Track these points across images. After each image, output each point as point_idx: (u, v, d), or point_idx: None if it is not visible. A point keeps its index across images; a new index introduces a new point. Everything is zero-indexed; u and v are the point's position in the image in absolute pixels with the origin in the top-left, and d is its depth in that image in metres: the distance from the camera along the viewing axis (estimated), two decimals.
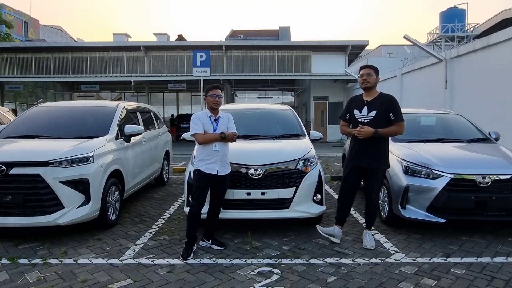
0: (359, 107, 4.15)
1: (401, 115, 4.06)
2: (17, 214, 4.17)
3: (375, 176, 4.13)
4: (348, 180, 4.26)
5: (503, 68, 8.50)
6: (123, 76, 22.71)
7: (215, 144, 3.95)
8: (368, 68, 4.12)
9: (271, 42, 24.87)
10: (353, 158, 4.19)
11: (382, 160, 4.10)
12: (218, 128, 4.02)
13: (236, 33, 41.62)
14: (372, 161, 4.06)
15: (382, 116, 4.02)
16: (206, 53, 10.45)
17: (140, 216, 5.51)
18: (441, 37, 31.16)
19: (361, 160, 4.11)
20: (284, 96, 29.25)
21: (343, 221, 4.36)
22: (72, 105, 6.41)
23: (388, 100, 4.10)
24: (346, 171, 4.29)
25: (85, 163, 4.43)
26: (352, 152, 4.21)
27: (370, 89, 4.11)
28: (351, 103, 4.30)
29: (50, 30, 40.99)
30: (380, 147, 4.08)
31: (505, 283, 3.32)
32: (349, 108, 4.27)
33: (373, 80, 4.08)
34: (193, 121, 4.05)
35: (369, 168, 4.10)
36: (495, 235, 4.58)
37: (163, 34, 32.82)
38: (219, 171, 3.97)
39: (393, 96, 4.19)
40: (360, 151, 4.10)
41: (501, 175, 4.35)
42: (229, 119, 4.15)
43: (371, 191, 4.18)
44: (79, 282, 3.33)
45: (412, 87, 14.36)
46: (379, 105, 4.05)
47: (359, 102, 4.19)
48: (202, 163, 3.97)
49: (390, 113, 4.02)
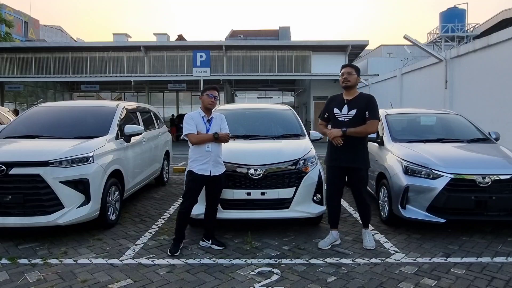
0: (339, 106, 4.14)
1: (376, 114, 4.06)
2: (17, 214, 4.17)
3: (357, 176, 4.10)
4: (331, 182, 4.22)
5: (503, 68, 8.50)
6: (123, 76, 22.71)
7: (207, 144, 3.94)
8: (349, 67, 4.12)
9: (271, 42, 24.88)
10: (330, 159, 4.18)
11: (358, 160, 4.07)
12: (211, 129, 4.01)
13: (236, 33, 41.61)
14: (348, 160, 4.04)
15: (362, 115, 4.02)
16: (206, 53, 10.46)
17: (140, 216, 5.51)
18: (441, 37, 31.16)
19: (338, 160, 4.09)
20: (284, 96, 29.23)
21: (336, 224, 4.33)
22: (72, 105, 6.41)
23: (366, 100, 4.11)
24: (328, 173, 4.26)
25: (85, 163, 4.43)
26: (329, 153, 4.20)
27: (350, 88, 4.11)
28: (330, 102, 4.28)
29: (50, 30, 40.99)
30: (356, 147, 4.04)
31: (505, 283, 3.32)
32: (328, 108, 4.25)
33: (353, 79, 4.08)
34: (186, 121, 4.03)
35: (350, 167, 4.08)
36: (495, 235, 4.57)
37: (163, 34, 32.80)
38: (212, 172, 3.96)
39: (372, 96, 4.22)
40: (336, 151, 4.08)
41: (501, 175, 4.35)
42: (222, 119, 4.15)
43: (358, 190, 4.16)
44: (79, 282, 3.33)
45: (412, 87, 14.36)
46: (360, 104, 4.05)
47: (339, 101, 4.18)
48: (195, 164, 3.97)
49: (366, 111, 4.02)
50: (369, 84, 19.47)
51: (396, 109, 7.01)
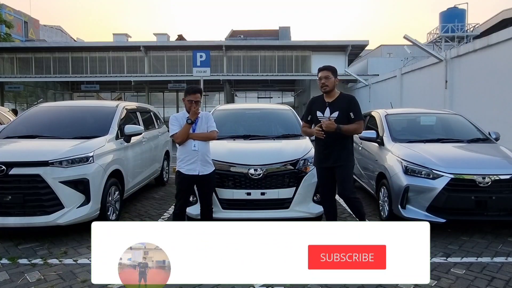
0: (321, 109, 4.08)
1: (360, 115, 4.05)
2: (17, 214, 4.17)
3: (342, 172, 4.02)
4: (322, 183, 4.18)
5: (503, 68, 8.50)
6: (123, 76, 22.74)
7: (194, 144, 3.89)
8: (325, 71, 4.03)
9: (271, 42, 24.91)
10: (319, 160, 4.13)
11: (347, 157, 4.03)
12: (197, 128, 3.94)
13: (236, 33, 41.61)
14: (338, 159, 3.99)
15: (344, 117, 3.99)
16: (206, 53, 10.45)
17: (140, 216, 5.51)
18: (441, 37, 31.13)
19: (325, 161, 4.04)
20: (284, 96, 29.26)
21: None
22: (72, 105, 6.41)
23: (348, 101, 4.07)
24: (318, 174, 4.22)
25: (85, 163, 4.42)
26: (319, 154, 4.14)
27: (329, 92, 4.05)
28: (312, 104, 4.23)
29: (50, 30, 41.02)
30: (342, 145, 4.01)
31: (505, 283, 3.32)
32: (311, 110, 4.19)
33: (331, 83, 4.01)
34: (171, 122, 3.97)
35: (335, 166, 4.03)
36: (495, 235, 4.57)
37: (163, 34, 32.81)
38: (201, 171, 3.90)
39: (353, 96, 4.20)
40: (324, 151, 4.03)
41: (501, 175, 4.35)
42: (208, 118, 4.06)
43: (343, 187, 4.04)
44: (79, 282, 3.33)
45: (412, 87, 14.37)
46: (341, 106, 4.01)
47: (321, 103, 4.12)
48: (183, 164, 3.93)
49: (350, 113, 4.00)
50: (369, 84, 19.47)
51: (396, 109, 7.01)
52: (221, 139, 4.89)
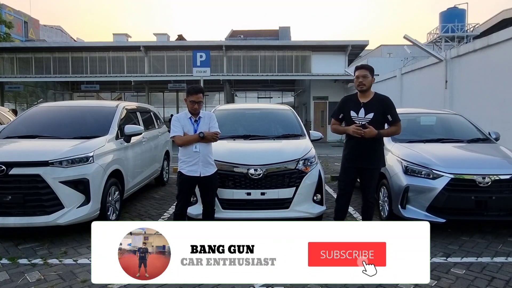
0: (356, 109, 4.02)
1: (398, 116, 4.03)
2: (17, 214, 4.17)
3: (372, 175, 4.05)
4: (345, 181, 4.14)
5: (503, 68, 8.50)
6: (123, 76, 22.71)
7: (195, 145, 3.85)
8: (363, 69, 3.99)
9: (271, 42, 24.89)
10: (351, 159, 4.08)
11: (379, 160, 4.05)
12: (199, 129, 3.91)
13: (236, 33, 41.60)
14: (370, 161, 4.00)
15: (379, 118, 3.97)
16: (206, 53, 10.45)
17: (140, 216, 5.51)
18: (441, 37, 31.15)
19: (359, 161, 4.02)
20: (284, 96, 29.21)
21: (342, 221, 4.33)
22: (72, 105, 6.41)
23: (384, 102, 4.03)
24: (344, 172, 4.17)
25: (85, 163, 4.42)
26: (350, 153, 4.08)
27: (365, 91, 4.01)
28: (345, 103, 4.15)
29: (50, 30, 40.99)
30: (377, 147, 4.02)
31: (505, 283, 3.32)
32: (344, 109, 4.12)
33: (368, 82, 3.97)
34: (172, 123, 3.95)
35: (366, 168, 4.03)
36: (495, 235, 4.58)
37: (163, 34, 32.77)
38: (202, 173, 3.87)
39: (388, 97, 4.13)
40: (358, 152, 4.00)
41: (501, 175, 4.35)
42: (210, 118, 4.01)
43: (369, 190, 4.09)
44: (79, 282, 3.33)
45: (412, 87, 14.37)
46: (376, 107, 3.98)
47: (355, 103, 4.06)
48: (185, 165, 3.90)
49: (387, 115, 3.98)
50: None
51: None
52: (221, 139, 4.88)
